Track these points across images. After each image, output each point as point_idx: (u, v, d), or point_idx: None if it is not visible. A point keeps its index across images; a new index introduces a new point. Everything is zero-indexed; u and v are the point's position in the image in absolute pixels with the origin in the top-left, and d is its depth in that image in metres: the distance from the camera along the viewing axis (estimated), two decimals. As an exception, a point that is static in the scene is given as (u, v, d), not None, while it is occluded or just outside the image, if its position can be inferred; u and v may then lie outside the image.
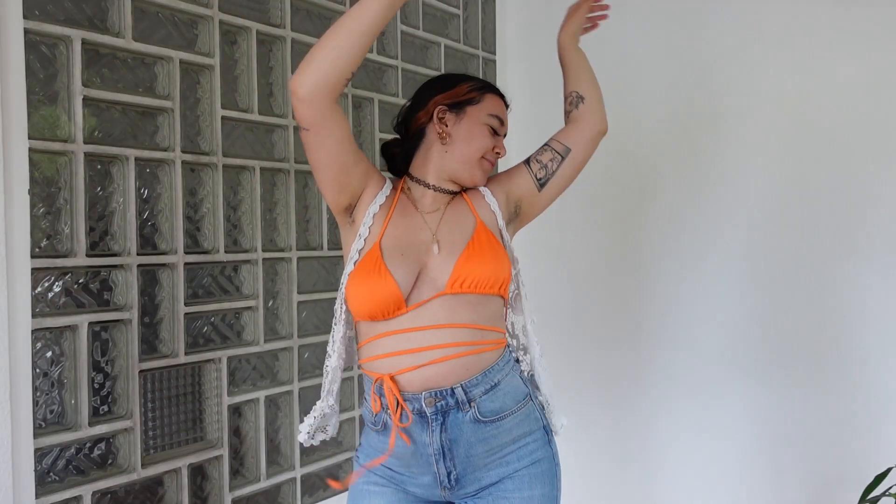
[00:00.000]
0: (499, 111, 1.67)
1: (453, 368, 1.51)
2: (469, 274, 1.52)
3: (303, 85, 1.40)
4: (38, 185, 1.65)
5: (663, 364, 2.67)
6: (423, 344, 1.50)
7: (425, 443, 1.52)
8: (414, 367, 1.50)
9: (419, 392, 1.50)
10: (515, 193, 1.69)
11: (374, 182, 1.59)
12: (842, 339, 2.38)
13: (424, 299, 1.51)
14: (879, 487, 2.01)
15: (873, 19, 2.30)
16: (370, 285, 1.50)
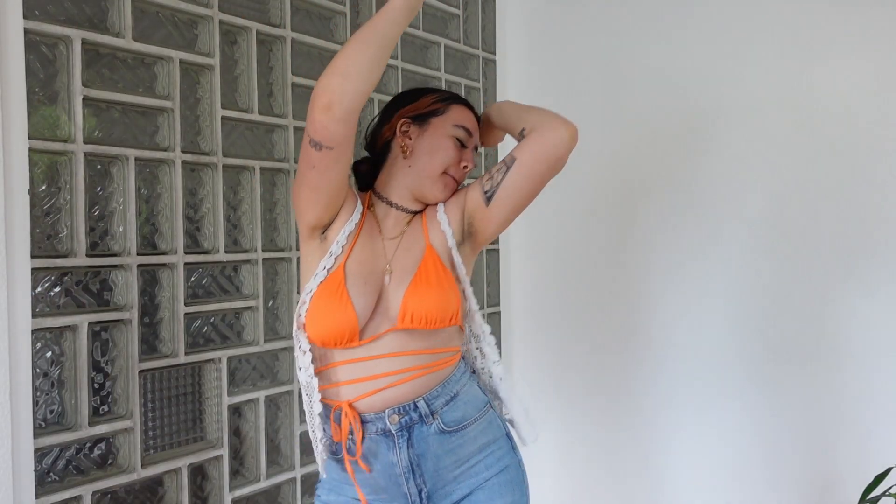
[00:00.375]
0: (465, 121, 1.59)
1: (413, 387, 1.49)
2: (417, 308, 1.46)
3: (343, 101, 1.32)
4: (38, 185, 1.65)
5: (660, 366, 2.67)
6: (380, 371, 1.48)
7: (393, 462, 1.49)
8: (374, 391, 1.47)
9: (382, 411, 1.48)
10: (469, 208, 1.57)
11: (350, 200, 1.54)
12: (841, 339, 2.38)
13: (378, 333, 1.48)
14: (879, 487, 2.01)
15: (873, 20, 2.30)
16: (331, 311, 1.45)
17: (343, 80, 1.33)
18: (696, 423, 2.62)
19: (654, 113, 2.66)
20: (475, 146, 1.62)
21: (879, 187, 2.30)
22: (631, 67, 2.70)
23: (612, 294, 2.78)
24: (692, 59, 2.59)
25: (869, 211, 2.32)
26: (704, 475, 2.61)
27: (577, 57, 2.83)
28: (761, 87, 2.47)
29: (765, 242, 2.48)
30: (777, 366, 2.47)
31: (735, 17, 2.51)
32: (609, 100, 2.76)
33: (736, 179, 2.52)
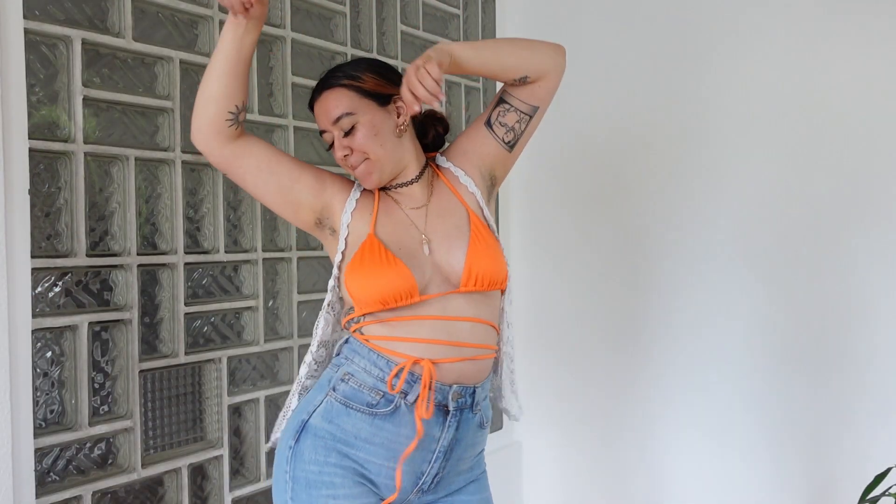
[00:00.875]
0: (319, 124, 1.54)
1: (480, 368, 1.49)
2: (481, 270, 1.47)
3: (196, 138, 1.45)
4: (38, 185, 1.65)
5: (661, 366, 2.67)
6: (461, 338, 1.46)
7: (434, 437, 1.45)
8: (452, 360, 1.45)
9: (449, 385, 1.45)
10: (487, 164, 1.58)
11: (335, 189, 1.51)
12: (841, 339, 2.38)
13: (440, 292, 1.46)
14: (879, 487, 2.01)
15: (871, 21, 2.30)
16: (378, 269, 1.43)
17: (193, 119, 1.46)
18: (697, 422, 2.62)
19: (656, 113, 2.66)
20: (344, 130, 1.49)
21: (883, 188, 2.30)
22: (631, 68, 2.70)
23: (614, 293, 2.78)
24: (694, 59, 2.59)
25: (871, 213, 2.32)
26: (705, 475, 2.61)
27: (578, 57, 2.82)
28: (770, 86, 2.47)
29: (767, 243, 2.48)
30: (777, 366, 2.47)
31: (738, 16, 2.51)
32: (609, 100, 2.76)
33: (739, 180, 2.52)
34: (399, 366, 1.43)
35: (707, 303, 2.58)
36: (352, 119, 1.48)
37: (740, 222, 2.51)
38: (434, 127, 1.63)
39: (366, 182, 1.51)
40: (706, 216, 2.57)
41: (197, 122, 1.45)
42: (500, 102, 1.56)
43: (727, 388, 2.55)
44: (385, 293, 1.42)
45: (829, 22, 2.37)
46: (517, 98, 1.55)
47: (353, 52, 2.35)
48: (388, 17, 2.51)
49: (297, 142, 2.19)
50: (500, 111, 1.56)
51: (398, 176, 1.54)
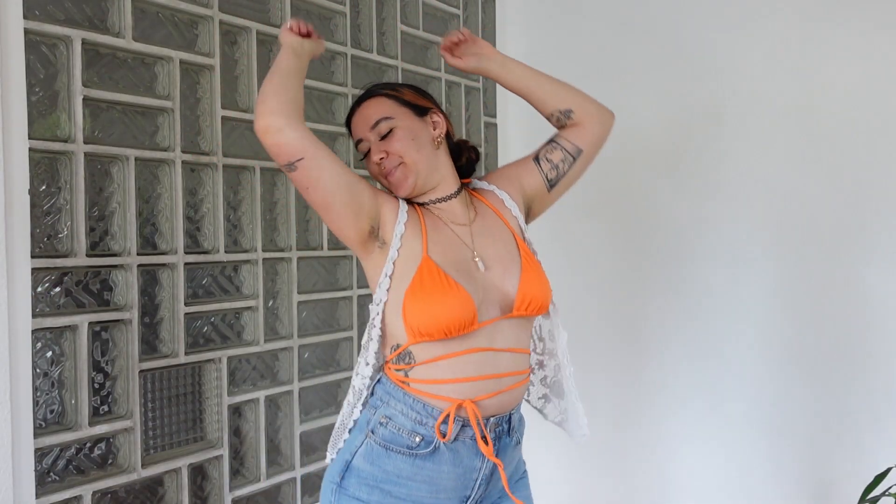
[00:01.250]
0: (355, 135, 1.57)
1: (516, 396, 1.53)
2: (535, 296, 1.49)
3: (275, 112, 1.35)
4: (38, 185, 1.65)
5: (666, 364, 2.67)
6: (502, 369, 1.48)
7: (476, 468, 1.49)
8: (493, 394, 1.47)
9: (487, 417, 1.48)
10: (528, 193, 1.64)
11: (387, 199, 1.50)
12: (842, 339, 2.38)
13: (492, 318, 1.47)
14: (879, 487, 2.01)
15: (873, 22, 2.30)
16: (440, 298, 1.40)
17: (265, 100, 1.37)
18: (697, 422, 2.62)
19: (657, 112, 2.66)
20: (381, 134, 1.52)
21: (888, 189, 2.30)
22: (631, 68, 2.70)
23: (620, 294, 2.78)
24: (694, 60, 2.59)
25: (872, 213, 2.32)
26: (706, 474, 2.61)
27: (578, 57, 2.82)
28: (776, 86, 2.47)
29: (771, 242, 2.48)
30: (778, 366, 2.47)
31: (738, 16, 2.51)
32: (610, 99, 2.75)
33: (746, 176, 2.52)
34: (445, 412, 1.43)
35: (710, 304, 2.58)
36: (389, 123, 1.51)
37: (745, 224, 2.51)
38: (468, 152, 1.65)
39: (400, 188, 1.50)
40: (712, 218, 2.57)
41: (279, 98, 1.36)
42: (550, 142, 1.64)
43: (729, 388, 2.55)
44: (448, 322, 1.40)
45: (834, 20, 2.37)
46: (564, 138, 1.63)
47: (353, 52, 2.35)
48: (388, 17, 2.51)
49: (297, 142, 2.19)
50: (548, 149, 1.64)
51: (436, 189, 1.54)
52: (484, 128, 2.90)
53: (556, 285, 3.04)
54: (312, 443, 2.24)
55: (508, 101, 2.98)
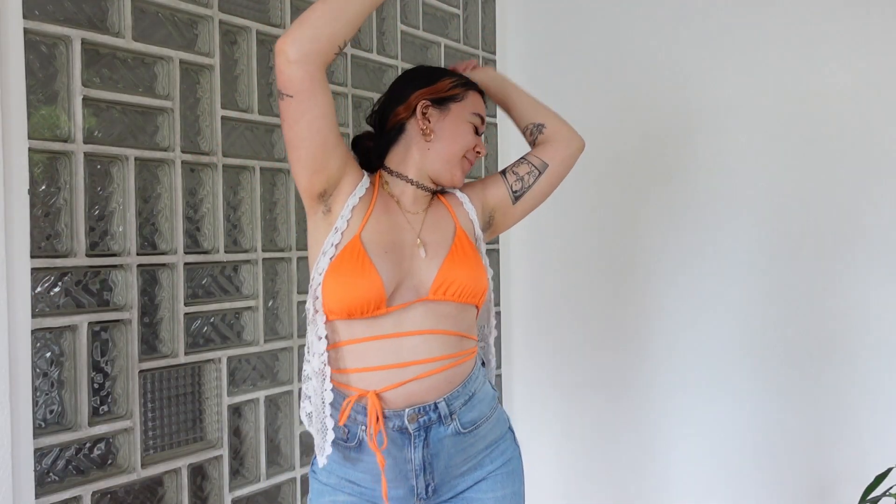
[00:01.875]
0: (480, 110, 1.65)
1: (437, 383, 1.49)
2: (453, 281, 1.50)
3: (296, 43, 1.32)
4: (38, 185, 1.65)
5: (661, 365, 2.67)
6: (409, 357, 1.47)
7: (405, 458, 1.49)
8: (398, 384, 1.47)
9: (402, 409, 1.47)
10: (490, 203, 1.67)
11: (353, 172, 1.52)
12: (842, 338, 2.37)
13: (406, 302, 1.48)
14: (879, 487, 2.01)
15: (872, 22, 2.30)
16: (352, 279, 1.43)
17: (298, 26, 1.33)
18: (696, 421, 2.62)
19: (656, 112, 2.66)
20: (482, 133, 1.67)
21: (881, 190, 2.30)
22: (631, 67, 2.70)
23: (613, 293, 2.78)
24: (693, 59, 2.59)
25: (870, 214, 2.32)
26: (704, 474, 2.61)
27: (578, 57, 2.83)
28: (763, 84, 2.47)
29: (765, 241, 2.48)
30: (777, 365, 2.47)
31: (735, 15, 2.51)
32: (610, 99, 2.76)
33: (737, 178, 2.52)
34: (344, 402, 1.47)
35: (706, 302, 2.58)
36: None
37: (738, 222, 2.51)
38: None
39: (461, 178, 1.61)
40: (704, 216, 2.57)
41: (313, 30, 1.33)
42: (519, 159, 1.70)
43: (727, 387, 2.55)
44: (351, 302, 1.44)
45: (829, 20, 2.37)
46: (532, 153, 1.69)
47: (353, 52, 2.35)
48: (388, 17, 2.51)
49: (297, 142, 2.19)
50: (515, 163, 1.70)
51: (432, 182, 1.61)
52: (484, 128, 2.90)
53: (548, 287, 3.04)
54: (312, 443, 2.23)
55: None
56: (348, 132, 2.34)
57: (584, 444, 2.85)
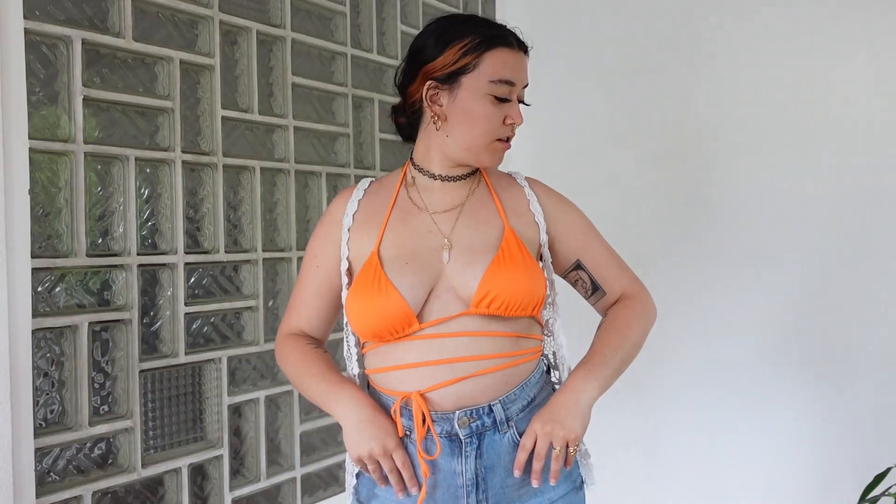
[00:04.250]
0: (504, 72, 1.34)
1: (491, 382, 1.31)
2: (499, 293, 1.29)
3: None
4: (38, 185, 1.65)
5: (663, 363, 2.67)
6: (456, 353, 1.30)
7: (455, 472, 1.30)
8: (447, 382, 1.29)
9: (452, 411, 1.30)
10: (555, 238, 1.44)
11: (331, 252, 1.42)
12: (841, 339, 2.38)
13: (444, 317, 1.31)
14: (879, 487, 2.01)
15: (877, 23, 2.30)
16: (370, 301, 1.30)
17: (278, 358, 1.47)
18: (697, 421, 2.62)
19: (657, 112, 2.66)
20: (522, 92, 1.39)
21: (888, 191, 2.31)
22: (632, 67, 2.70)
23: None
24: (694, 60, 2.59)
25: (869, 214, 2.32)
26: (704, 472, 2.61)
27: (578, 58, 2.83)
28: (775, 89, 2.46)
29: (768, 244, 2.48)
30: (777, 366, 2.47)
31: (740, 18, 2.51)
32: (610, 100, 2.76)
33: (742, 179, 2.52)
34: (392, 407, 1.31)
35: (708, 303, 2.58)
36: None
37: (741, 223, 2.51)
38: None
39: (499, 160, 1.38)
40: (709, 217, 2.57)
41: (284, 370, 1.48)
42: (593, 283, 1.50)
43: (727, 387, 2.55)
44: (376, 325, 1.30)
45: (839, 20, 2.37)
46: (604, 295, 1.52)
47: (353, 52, 2.35)
48: (388, 17, 2.51)
49: (298, 142, 2.19)
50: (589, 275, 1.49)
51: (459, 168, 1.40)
52: (484, 128, 2.89)
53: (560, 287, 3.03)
54: (312, 443, 2.24)
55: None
56: (348, 132, 2.34)
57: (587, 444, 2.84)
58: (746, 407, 2.52)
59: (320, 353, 1.42)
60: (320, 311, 1.45)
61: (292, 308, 1.47)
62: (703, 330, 2.59)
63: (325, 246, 1.43)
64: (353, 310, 1.34)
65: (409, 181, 1.42)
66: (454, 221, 1.37)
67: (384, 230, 1.37)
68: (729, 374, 2.55)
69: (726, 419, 2.55)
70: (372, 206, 1.42)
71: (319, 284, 1.44)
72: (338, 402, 1.33)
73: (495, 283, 1.29)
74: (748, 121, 2.49)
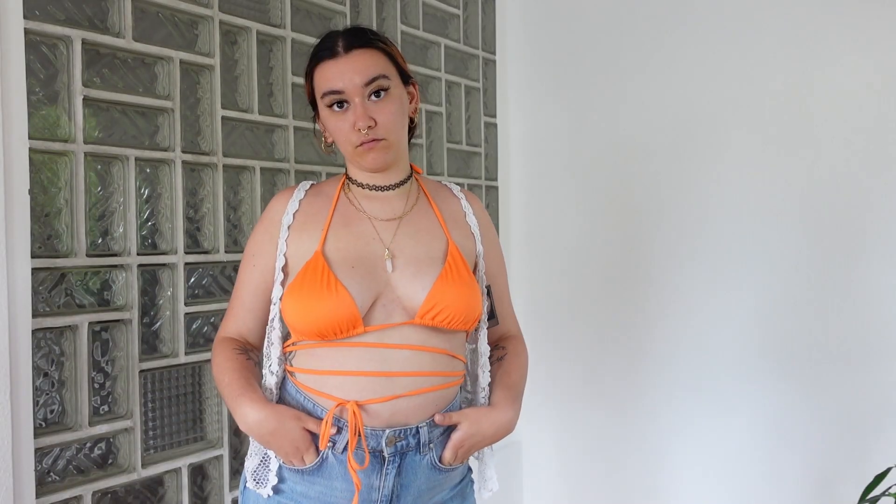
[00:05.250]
0: (326, 84, 1.34)
1: (424, 403, 1.33)
2: (445, 307, 1.32)
3: None
4: (38, 185, 1.65)
5: (663, 362, 2.67)
6: (396, 367, 1.31)
7: (373, 487, 1.32)
8: (385, 399, 1.30)
9: (382, 428, 1.30)
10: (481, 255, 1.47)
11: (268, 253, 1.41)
12: (842, 338, 2.37)
13: (391, 323, 1.32)
14: (879, 487, 2.01)
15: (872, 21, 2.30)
16: (317, 299, 1.28)
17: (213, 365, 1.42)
18: (697, 421, 2.62)
19: (656, 111, 2.66)
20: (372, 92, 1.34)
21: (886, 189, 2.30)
22: (631, 70, 2.70)
23: (614, 293, 2.78)
24: (694, 60, 2.59)
25: (869, 214, 2.32)
26: (704, 473, 2.61)
27: (578, 57, 2.83)
28: (767, 88, 2.47)
29: (767, 243, 2.48)
30: (777, 365, 2.47)
31: (737, 19, 2.51)
32: (610, 99, 2.76)
33: (739, 179, 2.52)
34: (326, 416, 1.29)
35: (707, 302, 2.58)
36: (387, 84, 1.34)
37: (739, 222, 2.51)
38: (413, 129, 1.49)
39: (371, 164, 1.36)
40: (705, 216, 2.57)
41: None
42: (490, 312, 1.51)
43: (726, 387, 2.55)
44: (322, 324, 1.29)
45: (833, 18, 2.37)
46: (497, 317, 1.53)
47: (353, 52, 2.34)
48: (388, 17, 2.51)
49: (297, 142, 2.19)
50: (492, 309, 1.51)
51: (387, 176, 1.41)
52: (484, 128, 2.90)
53: (548, 286, 3.03)
54: (312, 443, 2.24)
55: (509, 101, 2.98)
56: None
57: (585, 445, 2.84)
58: (745, 407, 2.52)
59: (241, 361, 1.38)
60: (258, 313, 1.43)
61: (230, 310, 1.45)
62: (699, 330, 2.59)
63: (263, 244, 1.42)
64: (294, 307, 1.32)
65: (346, 188, 1.44)
66: (395, 231, 1.39)
67: (327, 231, 1.37)
68: (727, 374, 2.55)
69: (724, 419, 2.55)
70: (313, 207, 1.42)
71: (257, 284, 1.42)
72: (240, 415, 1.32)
73: (442, 296, 1.32)
74: (733, 120, 2.49)
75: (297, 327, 1.33)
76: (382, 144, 1.35)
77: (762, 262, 2.49)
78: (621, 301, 2.75)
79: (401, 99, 1.38)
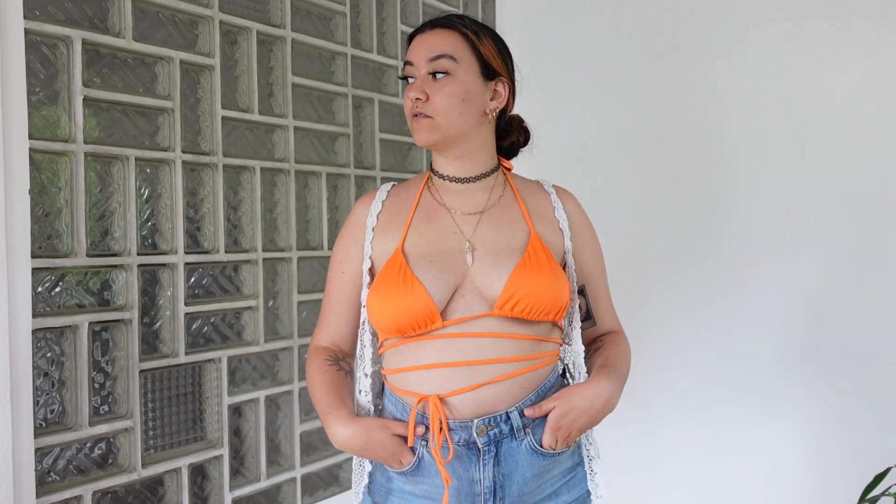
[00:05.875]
0: (409, 55, 1.39)
1: (510, 388, 1.31)
2: (524, 296, 1.30)
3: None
4: (38, 185, 1.65)
5: (663, 361, 2.67)
6: (476, 356, 1.30)
7: (474, 480, 1.30)
8: (468, 388, 1.29)
9: (470, 419, 1.29)
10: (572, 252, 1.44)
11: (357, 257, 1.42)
12: (841, 338, 2.38)
13: (467, 316, 1.31)
14: (879, 487, 2.01)
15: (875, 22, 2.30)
16: (395, 296, 1.30)
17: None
18: (696, 420, 2.62)
19: (657, 111, 2.66)
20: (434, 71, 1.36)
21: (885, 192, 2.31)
22: (633, 68, 2.70)
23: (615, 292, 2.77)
24: (694, 60, 2.59)
25: (871, 213, 2.33)
26: (704, 473, 2.61)
27: (577, 56, 2.83)
28: (772, 89, 2.47)
29: (768, 244, 2.48)
30: (777, 365, 2.47)
31: (739, 19, 2.51)
32: (610, 99, 2.76)
33: (745, 179, 2.52)
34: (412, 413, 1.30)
35: (708, 302, 2.58)
36: (451, 65, 1.35)
37: (741, 223, 2.51)
38: (517, 133, 1.49)
39: (419, 137, 1.37)
40: (710, 216, 2.57)
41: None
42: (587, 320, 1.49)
43: (726, 387, 2.55)
44: (400, 319, 1.30)
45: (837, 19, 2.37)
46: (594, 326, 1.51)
47: (353, 52, 2.35)
48: (388, 17, 2.51)
49: (298, 142, 2.19)
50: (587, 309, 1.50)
51: (462, 162, 1.41)
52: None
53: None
54: (312, 443, 2.24)
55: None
56: (348, 132, 2.34)
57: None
58: (746, 407, 2.52)
59: (331, 373, 1.39)
60: (349, 319, 1.44)
61: (322, 318, 1.46)
62: (704, 332, 2.59)
63: (349, 250, 1.43)
64: (375, 304, 1.34)
65: (430, 184, 1.45)
66: (476, 224, 1.38)
67: (408, 228, 1.38)
68: (727, 374, 2.55)
69: (724, 418, 2.55)
70: (395, 206, 1.43)
71: (347, 290, 1.43)
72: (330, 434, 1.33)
73: (520, 285, 1.30)
74: (750, 123, 2.49)
75: (378, 325, 1.35)
76: (429, 122, 1.35)
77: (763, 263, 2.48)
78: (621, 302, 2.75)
79: (465, 85, 1.36)
